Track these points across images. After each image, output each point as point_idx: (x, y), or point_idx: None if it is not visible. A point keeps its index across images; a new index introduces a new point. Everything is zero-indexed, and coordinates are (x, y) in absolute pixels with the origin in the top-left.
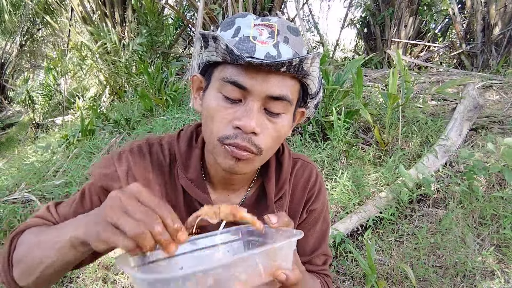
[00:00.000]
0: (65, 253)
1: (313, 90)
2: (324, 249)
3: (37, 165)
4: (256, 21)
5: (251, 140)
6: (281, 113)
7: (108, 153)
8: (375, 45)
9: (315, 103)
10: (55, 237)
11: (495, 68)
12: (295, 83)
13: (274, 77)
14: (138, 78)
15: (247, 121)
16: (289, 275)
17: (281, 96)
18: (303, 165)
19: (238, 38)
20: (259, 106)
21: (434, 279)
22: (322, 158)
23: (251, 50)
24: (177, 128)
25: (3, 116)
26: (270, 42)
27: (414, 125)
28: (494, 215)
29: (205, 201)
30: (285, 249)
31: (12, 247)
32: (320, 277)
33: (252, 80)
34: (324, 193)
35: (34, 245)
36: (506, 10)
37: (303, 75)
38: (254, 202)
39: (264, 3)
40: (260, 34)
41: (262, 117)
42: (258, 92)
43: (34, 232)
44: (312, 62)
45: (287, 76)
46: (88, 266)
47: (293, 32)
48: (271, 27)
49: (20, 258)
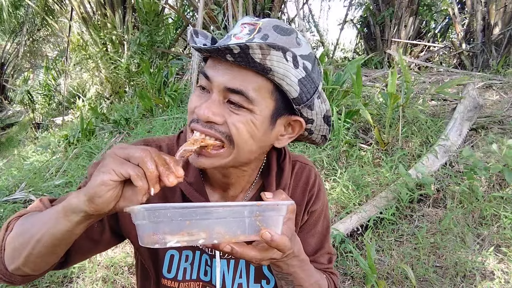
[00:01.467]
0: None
1: (293, 94)
2: (327, 248)
3: (37, 165)
4: (248, 20)
5: (213, 127)
6: (243, 108)
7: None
8: (375, 45)
9: (322, 116)
10: (49, 211)
11: (495, 68)
12: (263, 80)
13: (236, 70)
14: (138, 78)
15: (204, 110)
16: (274, 235)
17: (239, 90)
18: (301, 167)
19: (226, 36)
20: (221, 97)
21: (434, 279)
22: (322, 158)
23: (224, 44)
24: (177, 128)
25: (3, 116)
26: (245, 38)
27: (414, 125)
28: (494, 215)
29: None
30: (270, 212)
31: (8, 231)
32: (326, 274)
33: (214, 70)
34: (324, 193)
35: (28, 224)
36: (506, 10)
37: (261, 69)
38: None
39: (264, 3)
40: (241, 31)
41: (224, 108)
42: (218, 83)
43: (31, 215)
44: (266, 54)
45: (250, 70)
46: (88, 266)
47: (280, 31)
48: (254, 25)
49: (12, 240)
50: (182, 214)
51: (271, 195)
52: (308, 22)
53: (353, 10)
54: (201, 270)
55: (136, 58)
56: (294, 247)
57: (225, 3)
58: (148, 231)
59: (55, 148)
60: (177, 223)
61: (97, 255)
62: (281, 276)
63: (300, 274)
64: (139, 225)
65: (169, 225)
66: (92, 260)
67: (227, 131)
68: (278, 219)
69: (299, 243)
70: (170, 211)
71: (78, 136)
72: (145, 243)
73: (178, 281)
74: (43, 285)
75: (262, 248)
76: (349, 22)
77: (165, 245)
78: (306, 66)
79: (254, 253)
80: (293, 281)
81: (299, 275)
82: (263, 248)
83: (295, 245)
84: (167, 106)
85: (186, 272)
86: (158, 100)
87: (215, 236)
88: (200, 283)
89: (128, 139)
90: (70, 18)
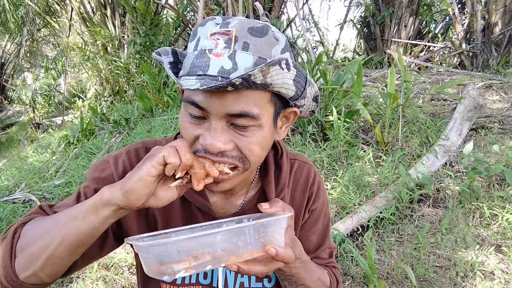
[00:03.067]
0: (82, 221)
1: (291, 94)
2: (328, 243)
3: (37, 165)
4: (215, 28)
5: (225, 155)
6: (250, 126)
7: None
8: (375, 45)
9: (312, 98)
10: (71, 211)
11: (495, 68)
12: (262, 93)
13: (232, 94)
14: (138, 78)
15: (212, 141)
16: (279, 250)
17: (242, 113)
18: (300, 165)
19: (197, 51)
20: (223, 124)
21: (434, 279)
22: (322, 158)
23: (205, 66)
24: (177, 129)
25: (3, 116)
26: (225, 53)
27: (414, 125)
28: (494, 215)
29: (203, 206)
30: (273, 226)
31: (16, 238)
32: (327, 268)
33: (208, 100)
34: (323, 191)
35: (45, 226)
36: (506, 10)
37: (262, 87)
38: (254, 206)
39: (264, 3)
40: (216, 45)
41: (231, 133)
42: (217, 112)
43: (41, 219)
44: (266, 73)
45: (249, 90)
46: (88, 266)
47: (257, 33)
48: (228, 34)
49: (27, 245)
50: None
51: (267, 206)
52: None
53: (353, 10)
54: (201, 273)
55: (136, 58)
56: (296, 251)
57: (225, 3)
58: (154, 262)
59: (55, 148)
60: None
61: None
62: (284, 277)
63: (303, 274)
64: (144, 257)
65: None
66: None
67: (239, 155)
68: (280, 232)
69: (300, 245)
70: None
71: (78, 136)
72: (153, 274)
73: (177, 285)
74: None
75: (267, 261)
76: (349, 22)
77: (174, 275)
78: (295, 64)
79: (260, 268)
80: (296, 281)
81: (302, 275)
82: (268, 261)
83: (296, 248)
84: (167, 106)
85: (185, 276)
86: (158, 100)
87: (221, 259)
88: (200, 286)
89: (128, 139)
90: (70, 18)
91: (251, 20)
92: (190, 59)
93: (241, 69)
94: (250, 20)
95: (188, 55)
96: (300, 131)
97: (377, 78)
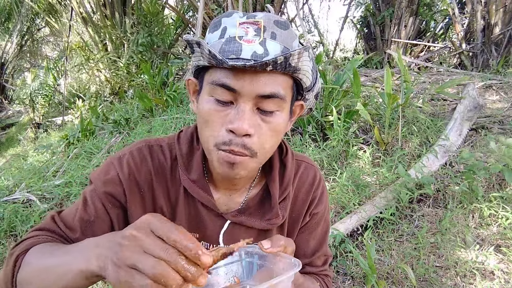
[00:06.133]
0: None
1: (307, 84)
2: (324, 250)
3: (37, 165)
4: (242, 19)
5: (244, 144)
6: (275, 111)
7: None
8: (375, 45)
9: (315, 94)
10: (65, 264)
11: (495, 68)
12: (287, 79)
13: (263, 76)
14: (138, 78)
15: (240, 123)
16: None
17: (272, 94)
18: (307, 167)
19: (224, 39)
20: (251, 106)
21: (434, 279)
22: (321, 158)
23: (237, 50)
24: (177, 128)
25: (3, 116)
26: (257, 40)
27: (414, 125)
28: (494, 215)
29: (208, 202)
30: (285, 282)
31: (17, 267)
32: (319, 278)
33: (240, 81)
34: (326, 196)
35: (41, 269)
36: (506, 10)
37: (293, 71)
38: (258, 203)
39: (264, 3)
40: (246, 33)
41: (256, 118)
42: (248, 92)
43: (40, 252)
44: (300, 57)
45: (276, 73)
46: None
47: (281, 26)
48: (256, 24)
49: (25, 281)
50: None
51: (269, 245)
52: (308, 22)
53: (353, 10)
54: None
55: (136, 58)
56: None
57: (225, 3)
58: None
59: (55, 148)
60: None
61: None
62: None
63: None
64: None
65: None
66: None
67: (253, 146)
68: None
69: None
70: None
71: (78, 136)
72: None
73: None
74: None
75: None
76: (349, 22)
77: None
78: (313, 55)
79: None
80: None
81: None
82: None
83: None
84: (167, 106)
85: None
86: (158, 100)
87: None
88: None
89: (128, 139)
90: (70, 18)
91: (274, 14)
92: (217, 46)
93: (272, 55)
94: (273, 14)
95: (213, 43)
96: (300, 131)
97: (377, 78)
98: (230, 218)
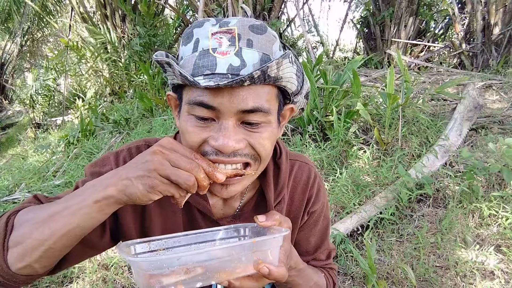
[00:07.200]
0: (85, 222)
1: (293, 89)
2: (326, 245)
3: (37, 165)
4: (215, 27)
5: (237, 154)
6: (261, 123)
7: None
8: (375, 45)
9: (304, 94)
10: (74, 204)
11: (495, 68)
12: (269, 88)
13: (242, 91)
14: (138, 78)
15: (225, 141)
16: (272, 269)
17: (254, 108)
18: (301, 166)
19: (198, 52)
20: (234, 122)
21: (434, 279)
22: (321, 158)
23: (212, 65)
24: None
25: (3, 116)
26: (232, 51)
27: (413, 125)
28: (494, 215)
29: (204, 208)
30: (268, 245)
31: (9, 227)
32: (324, 271)
33: (218, 98)
34: (323, 193)
35: (44, 219)
36: (506, 10)
37: (274, 80)
38: (253, 207)
39: (264, 3)
40: (220, 44)
41: (242, 131)
42: (228, 109)
43: (38, 208)
44: (280, 66)
45: (257, 85)
46: (88, 266)
47: (257, 30)
48: (230, 32)
49: (20, 240)
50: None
51: (264, 219)
52: (308, 22)
53: (353, 10)
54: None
55: (136, 58)
56: (291, 262)
57: (225, 3)
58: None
59: (55, 148)
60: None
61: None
62: (279, 285)
63: (299, 281)
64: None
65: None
66: (92, 260)
67: (251, 152)
68: (275, 249)
69: (295, 255)
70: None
71: (78, 136)
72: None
73: None
74: (43, 285)
75: (259, 276)
76: (349, 22)
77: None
78: (295, 58)
79: (251, 283)
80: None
81: (298, 281)
82: (259, 277)
83: (291, 260)
84: (167, 106)
85: None
86: (157, 100)
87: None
88: None
89: (128, 139)
90: (70, 18)
91: (249, 18)
92: (191, 61)
93: (249, 66)
94: (248, 18)
95: (186, 57)
96: (300, 131)
97: (377, 78)
98: (226, 224)
